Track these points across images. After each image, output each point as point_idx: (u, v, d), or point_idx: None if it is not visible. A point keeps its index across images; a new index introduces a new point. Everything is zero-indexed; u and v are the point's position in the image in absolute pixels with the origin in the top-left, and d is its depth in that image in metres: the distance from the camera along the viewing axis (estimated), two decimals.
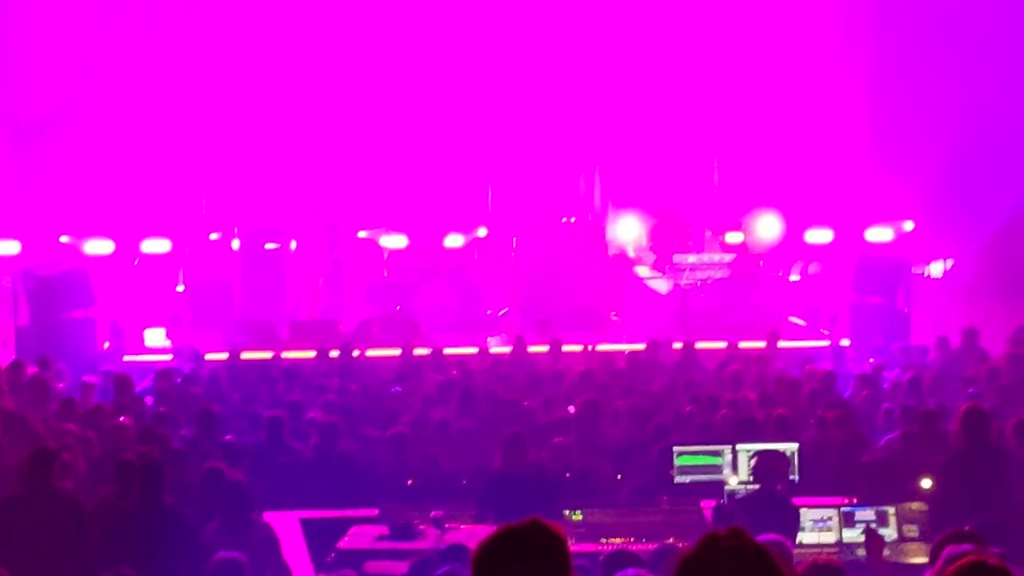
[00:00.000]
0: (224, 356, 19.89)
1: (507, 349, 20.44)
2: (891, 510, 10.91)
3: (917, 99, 27.47)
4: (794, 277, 26.97)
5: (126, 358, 21.14)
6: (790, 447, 11.66)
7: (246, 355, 19.77)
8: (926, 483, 11.10)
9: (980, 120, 26.74)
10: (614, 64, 28.91)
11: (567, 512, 11.07)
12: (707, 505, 11.05)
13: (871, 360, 18.19)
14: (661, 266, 24.10)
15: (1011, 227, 26.40)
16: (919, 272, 27.06)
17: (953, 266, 27.63)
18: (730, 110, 28.92)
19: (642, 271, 24.36)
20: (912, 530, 10.83)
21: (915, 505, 10.94)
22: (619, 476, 12.83)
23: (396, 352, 19.87)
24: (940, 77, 27.46)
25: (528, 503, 10.52)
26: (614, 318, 23.66)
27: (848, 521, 10.89)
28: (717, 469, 11.70)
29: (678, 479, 11.81)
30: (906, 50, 27.78)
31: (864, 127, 28.14)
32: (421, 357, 19.34)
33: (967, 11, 26.97)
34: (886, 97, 27.86)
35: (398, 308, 23.97)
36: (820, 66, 27.72)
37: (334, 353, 19.29)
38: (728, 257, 24.05)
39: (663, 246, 24.40)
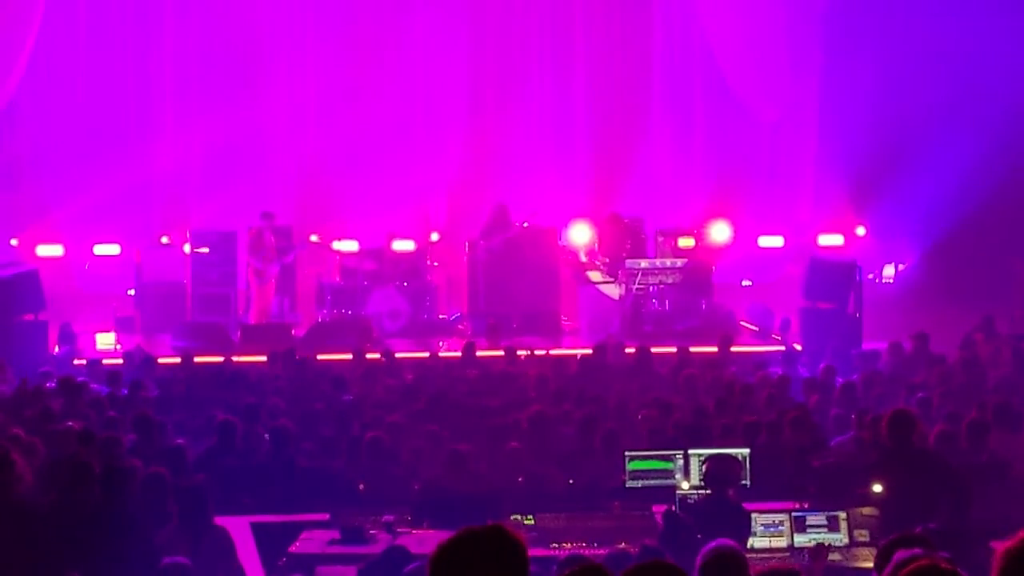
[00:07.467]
0: (175, 360, 19.80)
1: (456, 354, 20.38)
2: (842, 515, 10.95)
3: (866, 105, 27.62)
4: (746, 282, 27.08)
5: (76, 362, 20.98)
6: (742, 452, 11.68)
7: (198, 359, 19.67)
8: (877, 488, 11.14)
9: (929, 126, 26.92)
10: (565, 70, 28.96)
11: (519, 517, 11.05)
12: (658, 510, 11.07)
13: (822, 365, 18.23)
14: (613, 271, 24.09)
15: (961, 231, 26.53)
16: (876, 277, 27.21)
17: (904, 270, 27.77)
18: (682, 117, 29.01)
19: (594, 276, 24.35)
20: (863, 535, 10.88)
21: (866, 510, 10.99)
22: (571, 481, 12.82)
23: (347, 356, 19.83)
24: (888, 82, 27.65)
25: (465, 516, 10.47)
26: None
27: (799, 526, 10.93)
28: (669, 474, 11.70)
29: (630, 484, 11.81)
30: (856, 55, 27.94)
31: (813, 133, 28.28)
32: (373, 361, 19.29)
33: (916, 22, 27.15)
34: (835, 103, 28.00)
35: (349, 313, 23.92)
36: (769, 73, 27.84)
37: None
38: (680, 262, 24.05)
39: (615, 251, 24.40)
